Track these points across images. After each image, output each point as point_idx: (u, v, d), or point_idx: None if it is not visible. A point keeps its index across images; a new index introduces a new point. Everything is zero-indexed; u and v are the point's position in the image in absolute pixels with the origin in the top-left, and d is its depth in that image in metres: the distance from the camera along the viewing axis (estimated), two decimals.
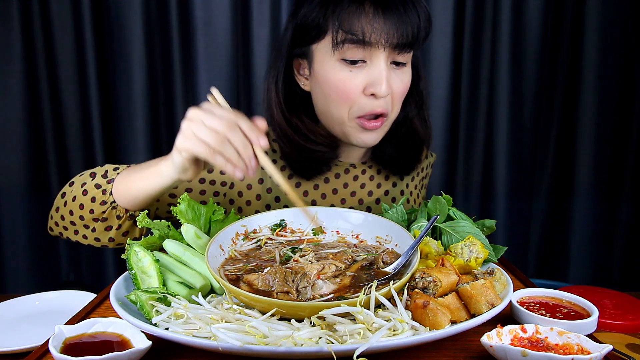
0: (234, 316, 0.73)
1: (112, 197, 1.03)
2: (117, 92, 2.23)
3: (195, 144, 0.84)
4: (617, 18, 2.16)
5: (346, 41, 1.02)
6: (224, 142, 0.82)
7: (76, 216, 1.08)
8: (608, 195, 2.31)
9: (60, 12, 2.17)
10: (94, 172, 1.08)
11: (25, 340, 1.18)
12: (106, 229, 1.07)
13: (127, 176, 1.03)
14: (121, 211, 1.04)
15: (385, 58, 1.04)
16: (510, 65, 2.21)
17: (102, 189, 1.04)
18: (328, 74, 1.07)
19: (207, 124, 0.83)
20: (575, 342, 0.69)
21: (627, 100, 2.22)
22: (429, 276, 0.79)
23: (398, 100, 1.12)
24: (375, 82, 1.04)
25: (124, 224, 1.07)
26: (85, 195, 1.05)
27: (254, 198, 1.21)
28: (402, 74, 1.10)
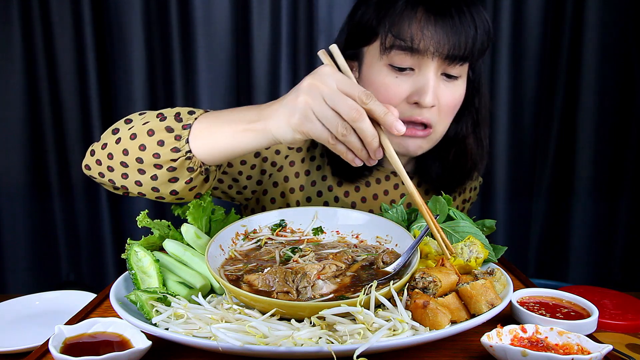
0: (234, 316, 0.73)
1: (188, 145, 0.86)
2: (117, 92, 2.23)
3: (316, 128, 0.74)
4: (617, 18, 2.16)
5: (394, 47, 0.99)
6: (349, 130, 0.73)
7: (132, 157, 0.89)
8: (608, 195, 2.31)
9: (60, 12, 2.17)
10: (162, 113, 0.91)
11: (25, 340, 1.18)
12: (171, 180, 0.89)
13: (213, 126, 0.87)
14: (196, 163, 0.88)
15: (435, 68, 1.00)
16: (510, 65, 2.21)
17: (174, 134, 0.87)
18: (374, 77, 1.04)
19: (330, 104, 0.72)
20: (575, 342, 0.69)
21: (627, 100, 2.22)
22: (429, 276, 0.79)
23: (447, 114, 1.06)
24: (420, 91, 1.00)
25: (195, 178, 0.90)
26: (152, 135, 0.87)
27: (298, 188, 1.19)
28: (454, 87, 1.05)
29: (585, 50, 2.18)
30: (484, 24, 1.00)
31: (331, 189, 1.21)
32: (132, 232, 2.30)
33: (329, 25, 2.17)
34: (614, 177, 2.30)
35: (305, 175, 1.19)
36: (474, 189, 1.41)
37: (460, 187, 1.27)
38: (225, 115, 0.87)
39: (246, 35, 2.18)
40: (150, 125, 0.88)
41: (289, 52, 2.17)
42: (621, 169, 2.28)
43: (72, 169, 2.30)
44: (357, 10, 1.08)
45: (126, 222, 2.35)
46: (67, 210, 2.34)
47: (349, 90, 0.73)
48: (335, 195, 1.21)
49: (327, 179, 1.20)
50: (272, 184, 1.18)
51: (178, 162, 0.87)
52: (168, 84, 2.22)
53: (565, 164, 2.30)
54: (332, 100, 0.72)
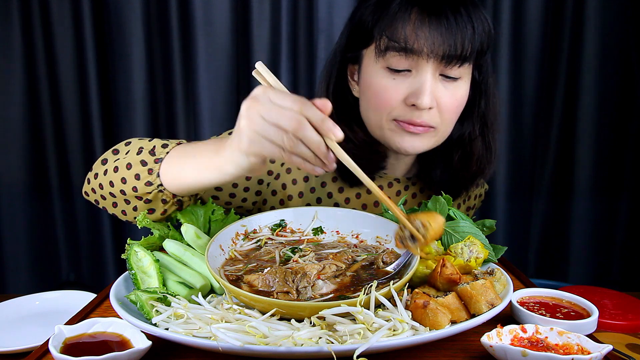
0: (234, 316, 0.73)
1: (159, 179, 0.92)
2: (117, 92, 2.24)
3: (264, 147, 0.74)
4: (617, 18, 2.16)
5: (389, 48, 0.98)
6: (296, 142, 0.73)
7: (117, 189, 0.96)
8: (608, 196, 2.31)
9: (60, 12, 2.17)
10: (142, 146, 0.96)
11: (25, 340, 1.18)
12: (149, 211, 0.96)
13: (180, 161, 0.91)
14: (168, 196, 0.93)
15: (432, 69, 0.98)
16: (510, 65, 2.21)
17: (147, 167, 0.93)
18: (372, 80, 1.03)
19: (270, 121, 0.73)
20: (575, 342, 0.69)
21: (626, 101, 2.22)
22: (415, 220, 0.78)
23: (449, 116, 1.04)
24: (417, 92, 0.99)
25: (169, 209, 0.96)
26: (130, 169, 0.94)
27: (297, 194, 1.19)
28: (455, 88, 1.03)
29: (585, 50, 2.18)
30: (482, 24, 0.99)
31: (331, 195, 1.21)
32: (132, 232, 2.30)
33: (329, 25, 2.17)
34: (613, 177, 2.30)
35: (304, 182, 1.18)
36: (478, 196, 1.39)
37: (465, 193, 1.25)
38: (192, 150, 0.91)
39: (246, 35, 2.18)
40: (129, 159, 0.95)
41: (289, 52, 2.17)
42: (621, 169, 2.28)
43: (72, 169, 2.30)
44: (356, 13, 1.07)
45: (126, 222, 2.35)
46: (67, 210, 2.34)
47: (283, 102, 0.73)
48: (335, 201, 1.21)
49: (327, 186, 1.20)
50: (270, 193, 1.18)
51: (152, 194, 0.93)
52: (168, 84, 2.22)
53: (565, 164, 2.30)
54: (270, 116, 0.73)
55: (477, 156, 1.16)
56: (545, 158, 2.32)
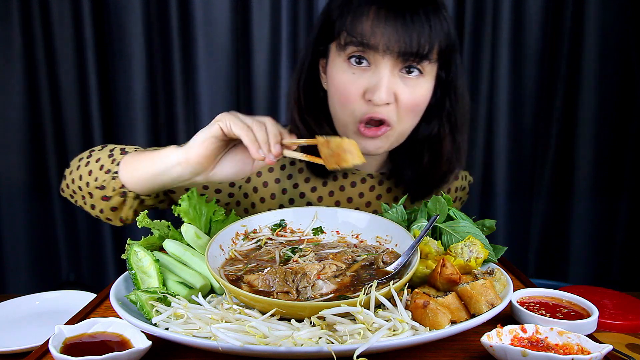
0: (234, 316, 0.73)
1: (117, 167, 1.04)
2: (117, 92, 2.23)
3: (232, 120, 0.88)
4: (617, 18, 2.16)
5: (349, 43, 1.01)
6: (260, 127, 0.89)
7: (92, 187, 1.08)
8: (608, 195, 2.31)
9: (60, 12, 2.17)
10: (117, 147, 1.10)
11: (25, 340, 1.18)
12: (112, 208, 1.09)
13: (134, 164, 1.03)
14: (118, 184, 1.04)
15: (390, 65, 1.00)
16: (510, 65, 2.21)
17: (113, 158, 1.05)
18: (335, 74, 1.06)
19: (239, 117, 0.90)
20: (575, 342, 0.69)
21: (627, 101, 2.22)
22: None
23: (407, 112, 1.06)
24: (373, 88, 1.01)
25: (129, 203, 1.07)
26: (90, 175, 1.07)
27: (269, 196, 1.21)
28: (415, 85, 1.04)
29: (585, 51, 2.18)
30: (441, 24, 1.01)
31: (303, 195, 1.22)
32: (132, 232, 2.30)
33: None
34: (613, 177, 2.30)
35: (275, 183, 1.21)
36: (461, 189, 1.40)
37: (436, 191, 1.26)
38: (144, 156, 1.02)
39: (246, 35, 2.18)
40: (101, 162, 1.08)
41: (289, 52, 2.17)
42: (621, 169, 2.28)
43: None
44: (327, 8, 1.10)
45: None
46: (67, 210, 2.34)
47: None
48: (307, 201, 1.22)
49: (299, 186, 1.22)
50: (242, 195, 1.21)
51: (106, 182, 1.05)
52: (168, 84, 2.22)
53: (565, 164, 2.30)
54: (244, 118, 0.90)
55: (446, 156, 1.17)
56: (545, 158, 2.32)
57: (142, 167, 1.00)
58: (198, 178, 0.96)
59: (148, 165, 0.99)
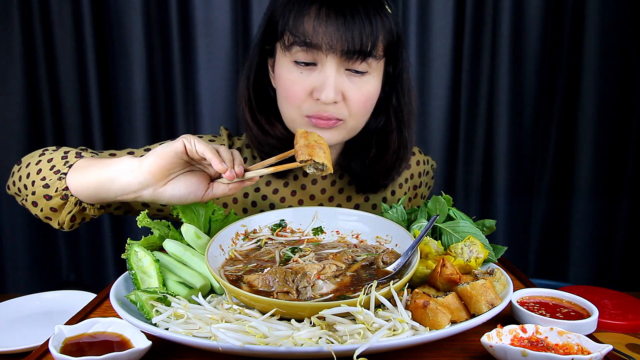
0: (234, 316, 0.73)
1: (66, 168, 1.00)
2: (117, 92, 2.24)
3: (197, 140, 0.87)
4: (617, 18, 2.16)
5: (294, 43, 1.01)
6: (222, 148, 0.88)
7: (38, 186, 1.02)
8: (608, 196, 2.31)
9: (60, 12, 2.17)
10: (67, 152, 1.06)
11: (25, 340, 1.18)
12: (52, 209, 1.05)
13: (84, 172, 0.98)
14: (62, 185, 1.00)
15: (335, 64, 1.01)
16: (510, 65, 2.21)
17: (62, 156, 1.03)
18: (282, 73, 1.06)
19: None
20: (575, 342, 0.69)
21: (627, 101, 2.22)
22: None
23: (358, 109, 1.07)
24: (320, 87, 1.02)
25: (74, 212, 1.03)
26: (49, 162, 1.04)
27: (231, 201, 1.23)
28: (362, 82, 1.05)
29: (585, 50, 2.18)
30: (382, 21, 1.02)
31: (265, 198, 1.23)
32: (132, 232, 2.30)
33: None
34: (613, 177, 2.30)
35: (244, 198, 1.22)
36: (425, 174, 1.40)
37: (385, 183, 1.26)
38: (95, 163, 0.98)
39: (246, 35, 2.18)
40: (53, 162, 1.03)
41: None
42: (621, 169, 2.28)
43: None
44: (270, 7, 1.10)
45: (126, 222, 2.36)
46: None
47: None
48: (270, 202, 1.23)
49: (261, 190, 1.23)
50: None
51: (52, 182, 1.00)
52: (168, 84, 2.22)
53: (565, 163, 2.30)
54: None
55: (392, 150, 1.18)
56: (545, 158, 2.32)
57: (92, 171, 0.95)
58: (145, 192, 0.90)
59: (97, 170, 0.94)
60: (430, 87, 2.26)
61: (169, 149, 0.87)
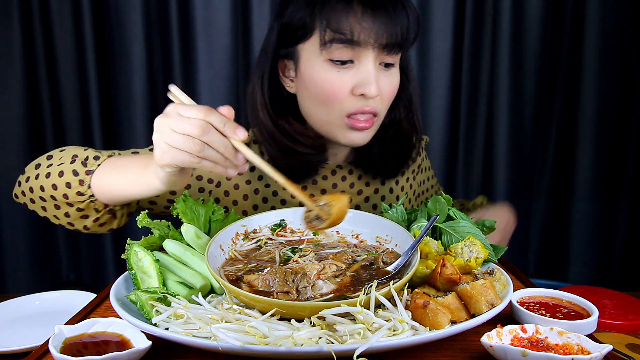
0: (234, 316, 0.73)
1: (90, 190, 1.00)
2: (117, 92, 2.23)
3: (175, 155, 0.78)
4: (617, 18, 2.16)
5: (334, 41, 1.01)
6: (202, 146, 0.77)
7: (47, 194, 1.04)
8: (608, 195, 2.31)
9: (60, 12, 2.17)
10: (76, 155, 1.04)
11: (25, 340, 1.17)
12: (82, 217, 1.05)
13: (109, 174, 0.99)
14: (100, 205, 1.03)
15: (373, 58, 1.02)
16: (510, 65, 2.21)
17: (79, 177, 1.01)
18: (315, 74, 1.05)
19: (177, 130, 0.77)
20: (575, 342, 0.69)
21: (627, 101, 2.22)
22: (320, 201, 0.83)
23: (387, 102, 1.11)
24: (364, 82, 1.02)
25: (102, 217, 1.06)
26: (61, 177, 1.01)
27: (241, 198, 1.21)
28: (391, 75, 1.08)
29: (585, 50, 2.18)
30: (414, 12, 1.04)
31: (276, 193, 1.23)
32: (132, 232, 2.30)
33: None
34: (614, 177, 2.30)
35: (247, 184, 1.21)
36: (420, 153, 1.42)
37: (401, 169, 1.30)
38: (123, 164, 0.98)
39: (246, 35, 2.18)
40: (62, 167, 1.01)
41: None
42: (621, 169, 2.28)
43: None
44: (285, 10, 1.08)
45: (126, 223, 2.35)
46: None
47: (188, 113, 0.78)
48: (282, 198, 1.23)
49: (272, 186, 1.22)
50: (214, 201, 1.20)
51: (84, 204, 1.01)
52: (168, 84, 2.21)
53: (565, 164, 2.30)
54: (178, 126, 0.77)
55: (406, 135, 1.22)
56: (545, 158, 2.32)
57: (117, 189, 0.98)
58: None
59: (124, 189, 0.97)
60: (430, 87, 2.26)
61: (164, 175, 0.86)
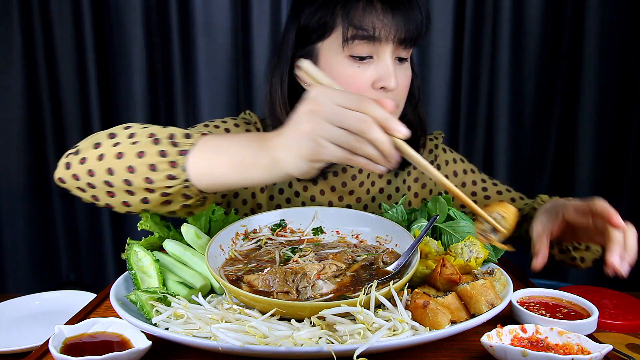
0: (234, 316, 0.73)
1: (185, 174, 0.80)
2: (117, 92, 2.24)
3: (330, 152, 0.70)
4: (617, 18, 2.16)
5: (356, 37, 1.04)
6: (363, 142, 0.70)
7: (118, 178, 0.82)
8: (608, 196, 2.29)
9: (60, 12, 2.17)
10: (153, 133, 0.84)
11: (25, 340, 1.17)
12: (164, 203, 0.84)
13: (212, 156, 0.81)
14: (193, 192, 0.82)
15: (391, 53, 1.06)
16: (510, 65, 2.21)
17: (169, 159, 0.80)
18: (336, 71, 1.08)
19: (337, 124, 0.69)
20: (575, 342, 0.69)
21: (627, 101, 2.22)
22: (493, 213, 0.80)
23: (404, 95, 1.14)
24: (384, 76, 1.06)
25: (192, 205, 0.86)
26: (142, 157, 0.81)
27: (267, 198, 1.24)
28: (405, 69, 1.12)
29: (585, 50, 2.18)
30: (425, 8, 1.09)
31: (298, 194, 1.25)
32: (132, 232, 2.30)
33: None
34: (614, 177, 2.30)
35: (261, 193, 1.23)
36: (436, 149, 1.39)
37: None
38: (227, 145, 0.81)
39: (246, 35, 2.18)
40: (141, 147, 0.82)
41: None
42: (621, 169, 2.28)
43: None
44: (301, 12, 1.12)
45: (126, 222, 2.36)
46: (67, 210, 2.34)
47: (347, 103, 0.70)
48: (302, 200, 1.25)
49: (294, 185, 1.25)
50: (241, 202, 1.22)
51: (174, 189, 0.81)
52: (168, 84, 2.22)
53: (565, 164, 2.30)
54: (336, 119, 0.69)
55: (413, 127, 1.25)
56: (545, 158, 2.32)
57: (225, 173, 0.80)
58: None
59: (234, 174, 0.79)
60: (430, 87, 2.26)
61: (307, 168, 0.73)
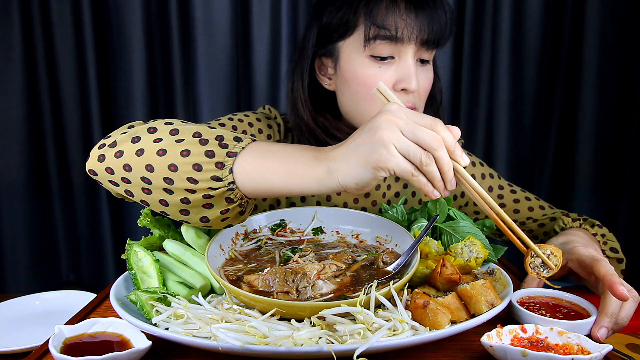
0: (234, 316, 0.73)
1: (231, 176, 0.78)
2: (117, 92, 2.24)
3: (399, 162, 0.72)
4: (617, 18, 2.16)
5: (378, 37, 1.04)
6: (431, 159, 0.72)
7: (158, 175, 0.80)
8: (608, 196, 2.31)
9: (60, 12, 2.17)
10: (199, 132, 0.81)
11: (25, 340, 1.17)
12: (205, 205, 0.81)
13: (263, 162, 0.79)
14: (237, 195, 0.80)
15: (413, 54, 1.06)
16: (510, 65, 2.21)
17: (216, 160, 0.78)
18: (357, 70, 1.08)
19: (410, 137, 0.72)
20: (575, 342, 0.69)
21: (627, 101, 2.22)
22: (546, 249, 0.80)
23: (424, 97, 1.13)
24: (405, 77, 1.06)
25: (232, 210, 0.83)
26: (186, 156, 0.79)
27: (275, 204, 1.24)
28: (427, 71, 1.12)
29: (585, 50, 2.18)
30: (450, 9, 1.08)
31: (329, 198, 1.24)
32: (132, 232, 2.30)
33: None
34: (614, 177, 2.30)
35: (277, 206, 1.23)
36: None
37: None
38: (279, 151, 0.81)
39: (246, 35, 2.18)
40: (186, 145, 0.79)
41: (288, 52, 2.17)
42: (621, 169, 2.28)
43: (72, 169, 2.30)
44: (324, 10, 1.11)
45: (126, 222, 2.36)
46: (67, 210, 2.34)
47: (422, 121, 0.73)
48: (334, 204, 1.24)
49: None
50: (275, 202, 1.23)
51: (217, 191, 0.79)
52: (168, 84, 2.22)
53: (565, 164, 2.30)
54: (411, 132, 0.72)
55: None
56: (545, 158, 2.32)
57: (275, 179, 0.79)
58: None
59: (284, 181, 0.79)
60: None
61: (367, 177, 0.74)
